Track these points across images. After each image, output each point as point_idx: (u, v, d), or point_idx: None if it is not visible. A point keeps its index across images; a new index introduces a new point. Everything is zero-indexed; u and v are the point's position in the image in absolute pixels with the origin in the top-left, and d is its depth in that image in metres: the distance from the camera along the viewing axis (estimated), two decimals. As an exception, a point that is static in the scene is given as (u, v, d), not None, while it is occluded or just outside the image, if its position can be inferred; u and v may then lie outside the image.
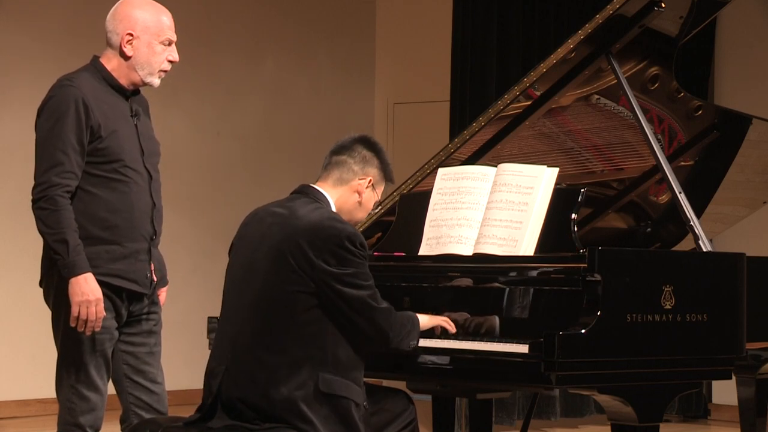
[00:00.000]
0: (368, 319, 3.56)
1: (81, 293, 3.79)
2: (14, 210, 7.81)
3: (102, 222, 3.89)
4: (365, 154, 3.77)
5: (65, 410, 3.95)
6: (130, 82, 4.01)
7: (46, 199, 3.80)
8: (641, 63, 4.63)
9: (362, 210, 3.80)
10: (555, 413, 7.87)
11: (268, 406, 3.48)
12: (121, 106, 3.99)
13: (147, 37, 3.97)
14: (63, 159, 3.82)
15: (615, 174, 4.97)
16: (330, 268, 3.52)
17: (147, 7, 4.01)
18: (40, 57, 7.91)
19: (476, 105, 7.67)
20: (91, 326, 3.83)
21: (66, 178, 3.82)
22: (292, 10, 9.34)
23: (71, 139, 3.83)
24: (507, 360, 3.68)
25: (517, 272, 3.88)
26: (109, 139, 3.90)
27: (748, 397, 4.89)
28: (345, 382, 3.53)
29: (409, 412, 3.83)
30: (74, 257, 3.78)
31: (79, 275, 3.79)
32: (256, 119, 9.09)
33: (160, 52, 3.99)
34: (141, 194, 3.97)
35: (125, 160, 3.93)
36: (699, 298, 3.85)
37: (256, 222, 3.71)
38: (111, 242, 3.90)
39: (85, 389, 3.93)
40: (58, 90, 3.90)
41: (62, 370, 3.96)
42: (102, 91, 3.95)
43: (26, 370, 7.86)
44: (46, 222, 3.80)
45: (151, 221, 4.01)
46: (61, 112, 3.84)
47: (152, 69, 3.99)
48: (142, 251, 3.97)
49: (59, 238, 3.78)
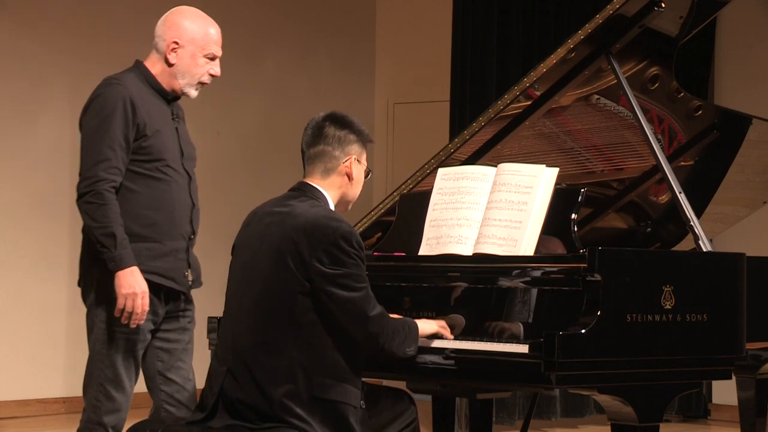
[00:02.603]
0: (358, 322, 3.53)
1: (128, 285, 3.84)
2: (14, 210, 7.82)
3: (143, 219, 3.95)
4: (339, 135, 3.72)
5: (90, 408, 3.98)
6: (171, 88, 4.09)
7: (93, 193, 3.85)
8: (641, 63, 4.63)
9: (356, 185, 3.77)
10: (555, 413, 7.88)
11: (267, 407, 3.48)
12: (163, 108, 4.07)
13: (192, 48, 4.06)
14: (110, 155, 3.88)
15: (615, 174, 4.97)
16: (322, 267, 3.50)
17: (197, 18, 4.10)
18: (41, 59, 7.91)
19: (476, 105, 7.67)
20: (136, 319, 3.88)
21: (112, 173, 3.88)
22: (292, 10, 9.34)
23: (118, 135, 3.89)
24: (507, 360, 3.68)
25: (517, 272, 3.88)
26: (153, 138, 3.97)
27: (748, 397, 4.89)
28: (342, 387, 3.51)
29: (410, 412, 3.83)
30: (121, 251, 3.83)
31: (126, 268, 3.84)
32: (256, 119, 9.09)
33: (203, 65, 4.08)
34: (181, 193, 4.04)
35: (167, 160, 4.01)
36: (699, 298, 3.85)
37: (256, 222, 3.71)
38: (151, 240, 3.96)
39: (113, 389, 3.96)
40: (106, 88, 3.96)
41: (93, 367, 3.98)
42: (146, 93, 4.02)
43: (26, 370, 7.86)
44: (94, 216, 3.85)
45: (190, 221, 4.07)
46: (109, 110, 3.90)
47: (192, 80, 4.08)
48: (180, 250, 4.02)
49: (107, 231, 3.83)
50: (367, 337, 3.55)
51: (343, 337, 3.54)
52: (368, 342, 3.56)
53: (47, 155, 7.95)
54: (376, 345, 3.57)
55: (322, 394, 3.48)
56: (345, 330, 3.54)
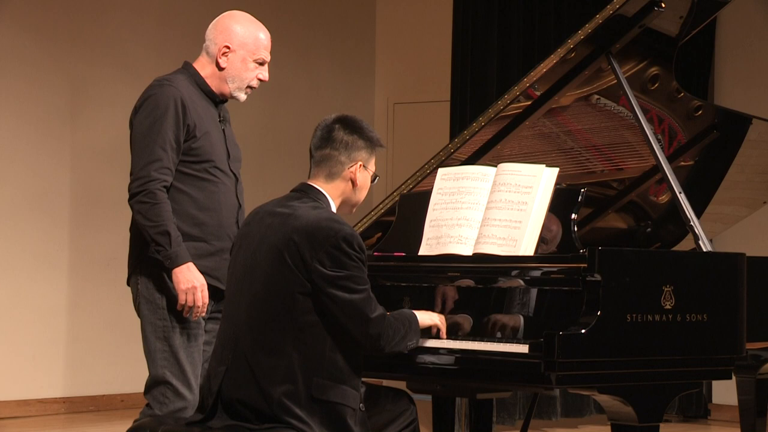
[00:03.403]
0: (358, 324, 3.52)
1: (186, 281, 3.90)
2: (14, 210, 7.81)
3: (191, 219, 4.00)
4: (347, 140, 3.68)
5: (156, 405, 3.98)
6: (220, 92, 4.13)
7: (146, 193, 3.90)
8: (641, 63, 4.63)
9: (360, 191, 3.75)
10: (555, 413, 7.88)
11: (266, 406, 3.48)
12: (211, 111, 4.12)
13: (243, 53, 4.12)
14: (162, 155, 3.92)
15: (615, 174, 4.97)
16: (324, 270, 3.49)
17: (247, 23, 4.17)
18: (41, 59, 7.91)
19: (476, 105, 7.68)
20: (197, 312, 3.93)
21: (163, 173, 3.93)
22: (292, 10, 9.34)
23: (169, 136, 3.94)
24: (507, 360, 3.68)
25: (517, 272, 3.88)
26: (202, 139, 4.02)
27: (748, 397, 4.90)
28: (341, 388, 3.50)
29: (410, 413, 3.83)
30: (176, 248, 3.89)
31: (182, 264, 3.90)
32: (256, 119, 9.09)
33: (252, 69, 4.15)
34: (228, 195, 4.09)
35: (215, 161, 4.05)
36: (699, 298, 3.85)
37: (257, 221, 3.70)
38: (199, 239, 4.01)
39: (181, 385, 3.99)
40: (158, 89, 4.01)
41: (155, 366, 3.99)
42: (196, 95, 4.07)
43: (26, 370, 7.86)
44: (147, 215, 3.90)
45: (236, 221, 4.12)
46: (161, 110, 3.95)
47: (242, 84, 4.13)
48: (226, 250, 4.04)
49: (162, 230, 3.89)
50: (369, 339, 3.55)
51: (342, 338, 3.53)
52: (370, 343, 3.56)
53: (47, 155, 7.94)
54: (378, 346, 3.57)
55: (320, 395, 3.47)
56: (344, 331, 3.53)
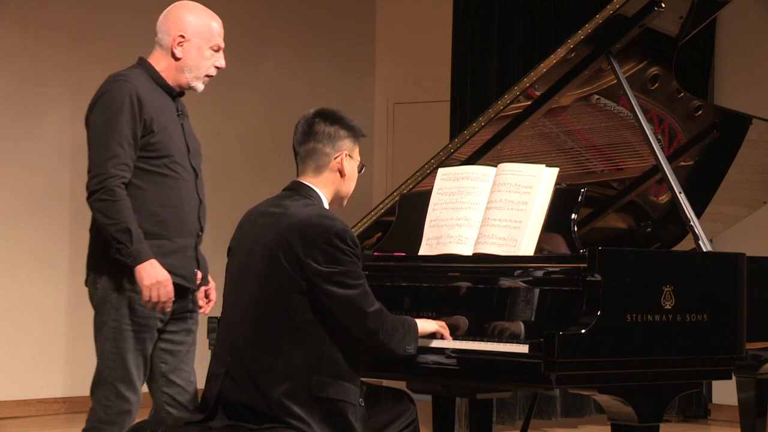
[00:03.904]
0: (356, 319, 3.53)
1: (150, 276, 3.84)
2: (14, 210, 7.82)
3: (152, 216, 3.94)
4: (329, 131, 3.70)
5: (101, 408, 3.94)
6: (177, 84, 4.08)
7: (104, 190, 3.84)
8: (641, 63, 4.63)
9: (349, 181, 3.75)
10: (555, 413, 7.88)
11: (266, 407, 3.48)
12: (169, 105, 4.07)
13: (198, 41, 4.06)
14: (119, 151, 3.87)
15: (615, 174, 4.97)
16: (318, 266, 3.50)
17: (199, 11, 4.11)
18: (41, 59, 7.91)
19: (476, 105, 7.68)
20: (162, 307, 3.88)
21: (122, 169, 3.87)
22: (292, 10, 9.34)
23: (126, 132, 3.89)
24: (507, 360, 3.68)
25: (517, 272, 3.88)
26: (160, 134, 3.97)
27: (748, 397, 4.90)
28: (341, 385, 3.51)
29: (410, 413, 3.83)
30: (138, 245, 3.83)
31: (145, 261, 3.84)
32: (256, 119, 9.09)
33: (209, 57, 4.08)
34: (189, 190, 4.04)
35: (174, 156, 4.00)
36: (699, 298, 3.85)
37: (250, 223, 3.71)
38: (161, 237, 3.95)
39: (125, 388, 3.94)
40: (112, 85, 3.96)
41: (102, 367, 3.95)
42: (152, 89, 4.02)
43: (26, 370, 7.86)
44: (107, 213, 3.84)
45: (198, 217, 4.07)
46: (117, 106, 3.90)
47: (199, 73, 4.08)
48: (189, 247, 4.01)
49: (122, 227, 3.83)
50: (367, 334, 3.55)
51: (340, 335, 3.54)
52: (368, 338, 3.57)
53: (48, 155, 7.95)
54: (376, 341, 3.58)
55: (320, 392, 3.48)
56: (342, 328, 3.54)
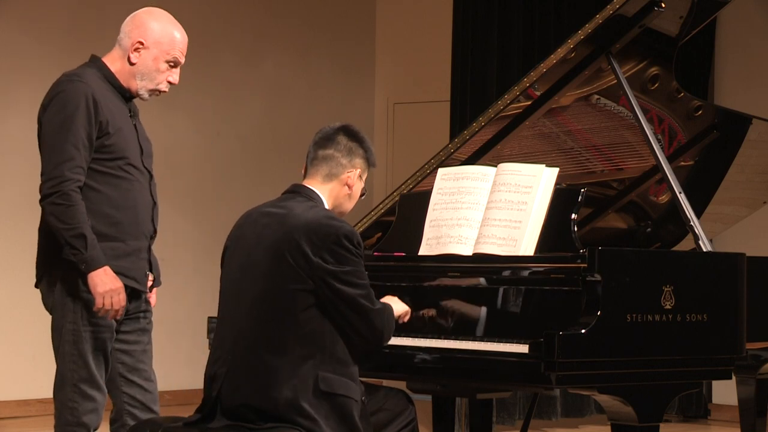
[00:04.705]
0: (364, 317, 3.56)
1: (103, 284, 3.80)
2: (14, 210, 7.82)
3: (107, 219, 3.89)
4: (350, 146, 3.75)
5: (67, 410, 3.91)
6: (128, 87, 4.01)
7: (60, 194, 3.79)
8: (641, 63, 4.63)
9: (351, 200, 3.80)
10: (555, 413, 7.88)
11: (271, 407, 3.48)
12: (122, 106, 4.01)
13: (156, 51, 3.98)
14: (74, 154, 3.81)
15: (615, 174, 4.97)
16: (327, 265, 3.52)
17: (165, 21, 4.02)
18: (41, 58, 7.91)
19: (476, 105, 7.67)
20: (114, 314, 3.85)
21: (77, 173, 3.82)
22: (292, 10, 9.34)
23: (81, 134, 3.83)
24: (507, 360, 3.68)
25: (517, 272, 3.88)
26: (115, 135, 3.91)
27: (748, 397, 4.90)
28: (343, 380, 3.54)
29: (409, 412, 3.84)
30: (92, 251, 3.79)
31: (99, 268, 3.81)
32: (256, 119, 9.09)
33: (163, 71, 4.00)
34: (143, 192, 3.99)
35: (129, 158, 3.95)
36: (699, 298, 3.85)
37: (250, 223, 3.71)
38: (115, 239, 3.91)
39: (89, 388, 3.91)
40: (68, 85, 3.89)
41: (64, 369, 3.92)
42: (106, 90, 3.96)
43: (26, 370, 7.85)
44: (62, 218, 3.79)
45: (151, 219, 4.03)
46: (72, 107, 3.84)
47: (149, 84, 4.00)
48: (143, 249, 3.99)
49: (77, 233, 3.78)
50: (373, 331, 3.59)
51: (343, 332, 3.56)
52: (373, 336, 3.60)
53: (47, 155, 7.94)
54: (381, 338, 3.61)
55: (326, 388, 3.50)
56: (346, 326, 3.56)
